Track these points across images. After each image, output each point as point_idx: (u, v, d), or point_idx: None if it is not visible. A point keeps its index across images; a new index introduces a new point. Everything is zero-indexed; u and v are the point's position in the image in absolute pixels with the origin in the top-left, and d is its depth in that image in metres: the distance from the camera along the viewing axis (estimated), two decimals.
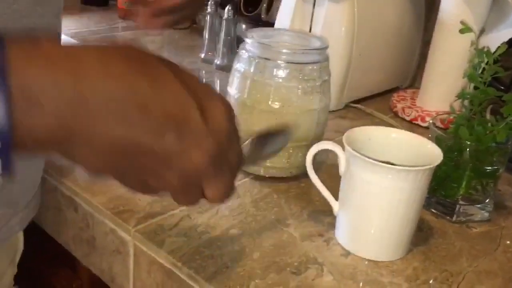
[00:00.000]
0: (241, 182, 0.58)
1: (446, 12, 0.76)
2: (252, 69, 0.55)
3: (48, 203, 0.58)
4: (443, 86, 0.78)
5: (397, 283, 0.45)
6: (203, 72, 0.93)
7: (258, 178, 0.59)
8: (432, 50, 0.80)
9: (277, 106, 0.54)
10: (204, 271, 0.44)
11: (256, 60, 0.55)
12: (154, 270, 0.47)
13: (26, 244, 0.69)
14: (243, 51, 0.57)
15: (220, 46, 0.92)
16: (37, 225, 0.61)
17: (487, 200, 0.55)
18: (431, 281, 0.46)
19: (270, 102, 0.55)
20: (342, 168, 0.48)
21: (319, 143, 0.49)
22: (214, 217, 0.51)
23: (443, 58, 0.78)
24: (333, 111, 0.81)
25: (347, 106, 0.83)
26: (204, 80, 0.57)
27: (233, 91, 0.57)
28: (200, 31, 1.03)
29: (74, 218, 0.55)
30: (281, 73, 0.54)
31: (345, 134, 0.48)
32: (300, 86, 0.55)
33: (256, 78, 0.55)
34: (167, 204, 0.52)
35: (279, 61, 0.55)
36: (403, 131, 0.52)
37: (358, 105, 0.83)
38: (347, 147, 0.46)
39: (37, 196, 0.53)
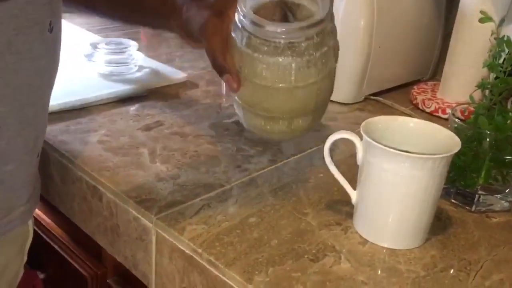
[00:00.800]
0: (260, 172, 0.59)
1: (467, 3, 0.76)
2: (243, 43, 0.52)
3: (73, 193, 0.60)
4: (464, 78, 0.77)
5: (414, 271, 0.45)
6: None
7: (277, 169, 0.60)
8: (453, 42, 0.79)
9: (269, 84, 0.51)
10: (223, 257, 0.45)
11: (247, 35, 0.51)
12: (175, 257, 0.48)
13: (51, 232, 0.71)
14: (237, 20, 0.53)
15: None
16: (63, 214, 0.64)
17: (507, 190, 0.55)
18: (450, 270, 0.46)
19: (261, 80, 0.51)
20: (359, 158, 0.49)
21: (336, 132, 0.50)
22: (233, 206, 0.52)
23: (464, 49, 0.77)
24: (352, 103, 0.81)
25: (366, 98, 0.83)
26: None
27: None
28: None
29: (98, 207, 0.56)
30: (272, 50, 0.50)
31: (363, 123, 0.49)
32: (293, 64, 0.51)
33: (246, 52, 0.51)
34: (187, 193, 0.54)
35: (269, 39, 0.51)
36: (421, 120, 0.52)
37: (378, 98, 0.83)
38: (364, 136, 0.47)
39: (37, 190, 0.55)
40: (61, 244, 0.69)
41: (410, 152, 0.46)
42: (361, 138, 0.48)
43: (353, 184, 0.51)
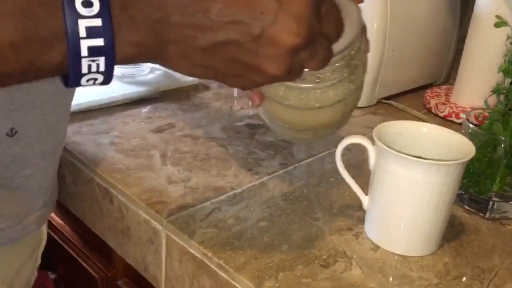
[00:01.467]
0: (271, 176, 0.59)
1: (482, 7, 0.75)
2: None
3: (84, 194, 0.60)
4: (478, 82, 0.76)
5: (426, 278, 0.45)
6: None
7: (288, 172, 0.60)
8: (467, 45, 0.78)
9: (292, 104, 0.48)
10: (233, 261, 0.45)
11: None
12: (185, 260, 0.48)
13: (62, 233, 0.71)
14: None
15: None
16: (75, 215, 0.64)
17: None
18: (463, 278, 0.45)
19: (283, 100, 0.48)
20: (371, 163, 0.48)
21: (348, 137, 0.49)
22: (244, 210, 0.52)
23: (479, 53, 0.76)
24: (365, 107, 0.80)
25: (379, 102, 0.82)
26: None
27: None
28: None
29: (109, 208, 0.56)
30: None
31: (376, 128, 0.48)
32: (318, 91, 0.47)
33: None
34: (198, 196, 0.53)
35: None
36: (434, 125, 0.51)
37: (390, 101, 0.82)
38: (377, 141, 0.46)
39: (54, 195, 0.55)
40: (72, 245, 0.69)
41: (423, 158, 0.45)
42: (373, 142, 0.48)
43: (365, 189, 0.50)
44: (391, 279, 0.44)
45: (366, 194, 0.50)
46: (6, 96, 0.42)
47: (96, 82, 0.32)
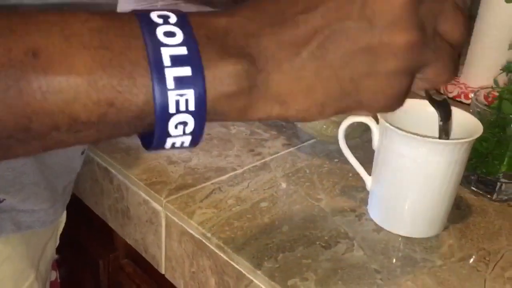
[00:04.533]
0: (274, 156, 0.58)
1: None
2: None
3: (85, 175, 0.59)
4: (488, 62, 0.74)
5: (430, 260, 0.44)
6: None
7: (291, 153, 0.59)
8: (477, 24, 0.76)
9: None
10: (233, 242, 0.44)
11: None
12: (184, 241, 0.48)
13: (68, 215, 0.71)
14: None
15: None
16: (76, 196, 0.63)
17: None
18: (468, 260, 0.44)
19: None
20: (375, 142, 0.47)
21: (351, 116, 0.48)
22: (245, 190, 0.51)
23: (489, 32, 0.74)
24: None
25: None
26: None
27: None
28: None
29: (109, 189, 0.56)
30: None
31: None
32: None
33: None
34: (198, 176, 0.53)
35: None
36: None
37: None
38: (381, 120, 0.45)
39: (73, 181, 0.54)
40: (74, 226, 0.69)
41: (429, 137, 0.44)
42: (377, 121, 0.46)
43: (369, 169, 0.49)
44: (394, 260, 0.43)
45: (370, 175, 0.49)
46: None
47: (186, 128, 0.25)
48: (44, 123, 0.23)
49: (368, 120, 0.47)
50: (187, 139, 0.26)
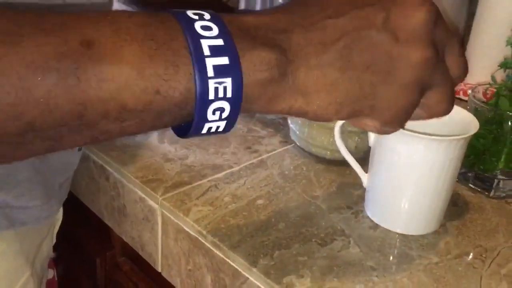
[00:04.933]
0: (270, 154, 0.57)
1: None
2: None
3: (82, 172, 0.59)
4: (487, 58, 0.74)
5: (427, 257, 0.43)
6: None
7: (288, 151, 0.58)
8: (476, 21, 0.76)
9: None
10: (228, 239, 0.44)
11: None
12: (180, 238, 0.47)
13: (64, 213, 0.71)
14: None
15: None
16: (73, 193, 0.63)
17: None
18: (464, 257, 0.44)
19: None
20: (371, 139, 0.47)
21: None
22: (241, 188, 0.51)
23: (488, 29, 0.74)
24: None
25: None
26: None
27: None
28: None
29: (105, 186, 0.56)
30: None
31: None
32: None
33: None
34: (195, 174, 0.52)
35: None
36: None
37: None
38: None
39: (70, 178, 0.54)
40: (71, 223, 0.69)
41: (424, 134, 0.44)
42: None
43: (365, 167, 0.49)
44: (390, 257, 0.43)
45: (366, 172, 0.49)
46: None
47: (223, 114, 0.27)
48: (96, 111, 0.25)
49: None
50: (222, 124, 0.28)
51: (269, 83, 0.27)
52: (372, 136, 0.47)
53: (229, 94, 0.26)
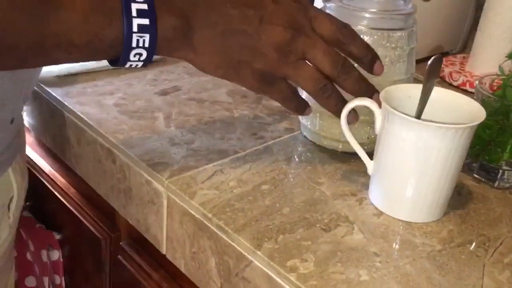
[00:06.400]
0: (276, 140, 0.58)
1: None
2: None
3: (88, 155, 0.60)
4: (495, 50, 0.74)
5: (429, 245, 0.44)
6: None
7: (293, 137, 0.59)
8: (484, 12, 0.75)
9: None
10: (233, 223, 0.44)
11: None
12: (185, 221, 0.48)
13: (67, 194, 0.71)
14: None
15: None
16: (79, 176, 0.64)
17: None
18: (467, 245, 0.44)
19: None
20: (377, 126, 0.47)
21: (355, 99, 0.48)
22: (247, 173, 0.51)
23: (496, 20, 0.73)
24: None
25: None
26: None
27: None
28: None
29: (112, 169, 0.56)
30: (366, 40, 0.49)
31: (383, 90, 0.47)
32: (387, 55, 0.51)
33: None
34: (201, 158, 0.53)
35: (363, 27, 0.51)
36: (443, 89, 0.49)
37: None
38: (383, 103, 0.45)
39: (12, 148, 0.54)
40: (77, 206, 0.69)
41: (431, 121, 0.44)
42: (380, 105, 0.46)
43: (371, 154, 0.49)
44: (393, 244, 0.44)
45: (372, 159, 0.49)
46: None
47: (141, 57, 0.40)
48: (53, 42, 0.36)
49: (370, 103, 0.47)
50: (140, 64, 0.41)
51: (173, 40, 0.40)
52: (378, 123, 0.47)
53: (146, 45, 0.39)
